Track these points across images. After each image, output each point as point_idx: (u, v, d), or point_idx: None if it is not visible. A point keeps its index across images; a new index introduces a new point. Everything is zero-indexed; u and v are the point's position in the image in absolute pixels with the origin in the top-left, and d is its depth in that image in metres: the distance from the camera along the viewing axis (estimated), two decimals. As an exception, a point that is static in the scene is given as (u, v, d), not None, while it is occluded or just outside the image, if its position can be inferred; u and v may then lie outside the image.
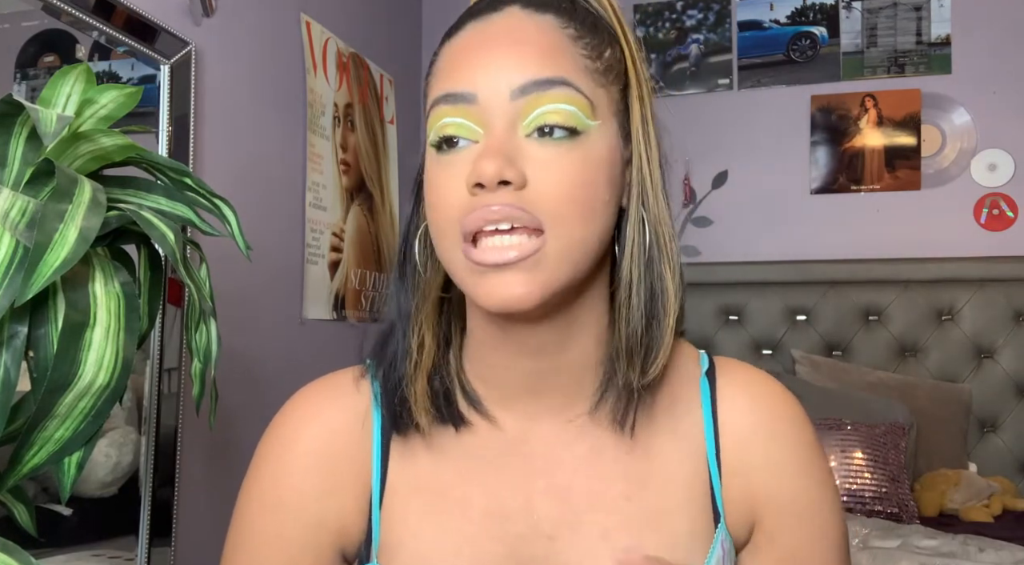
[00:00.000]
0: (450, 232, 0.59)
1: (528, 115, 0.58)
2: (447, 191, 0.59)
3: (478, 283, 0.58)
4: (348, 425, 0.69)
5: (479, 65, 0.59)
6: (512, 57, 0.59)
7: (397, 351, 0.67)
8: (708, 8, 2.86)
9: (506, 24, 0.61)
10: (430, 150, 0.62)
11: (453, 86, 0.60)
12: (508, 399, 0.67)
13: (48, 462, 0.72)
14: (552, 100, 0.58)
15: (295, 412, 0.70)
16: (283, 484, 0.68)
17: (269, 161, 1.97)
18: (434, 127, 0.60)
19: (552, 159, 0.58)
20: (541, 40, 0.60)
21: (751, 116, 2.79)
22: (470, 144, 0.59)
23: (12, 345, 0.68)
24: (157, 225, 0.76)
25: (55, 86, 0.82)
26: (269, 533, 0.67)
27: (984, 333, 2.53)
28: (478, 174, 0.56)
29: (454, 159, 0.59)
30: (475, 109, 0.59)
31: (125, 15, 1.47)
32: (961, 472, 2.29)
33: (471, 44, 0.61)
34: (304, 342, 2.08)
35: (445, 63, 0.62)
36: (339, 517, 0.67)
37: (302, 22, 2.13)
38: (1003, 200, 2.57)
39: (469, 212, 0.57)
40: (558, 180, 0.58)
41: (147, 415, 1.51)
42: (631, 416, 0.65)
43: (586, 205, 0.59)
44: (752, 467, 0.68)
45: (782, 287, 2.67)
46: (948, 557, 1.69)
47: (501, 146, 0.57)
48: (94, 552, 1.42)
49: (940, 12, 2.65)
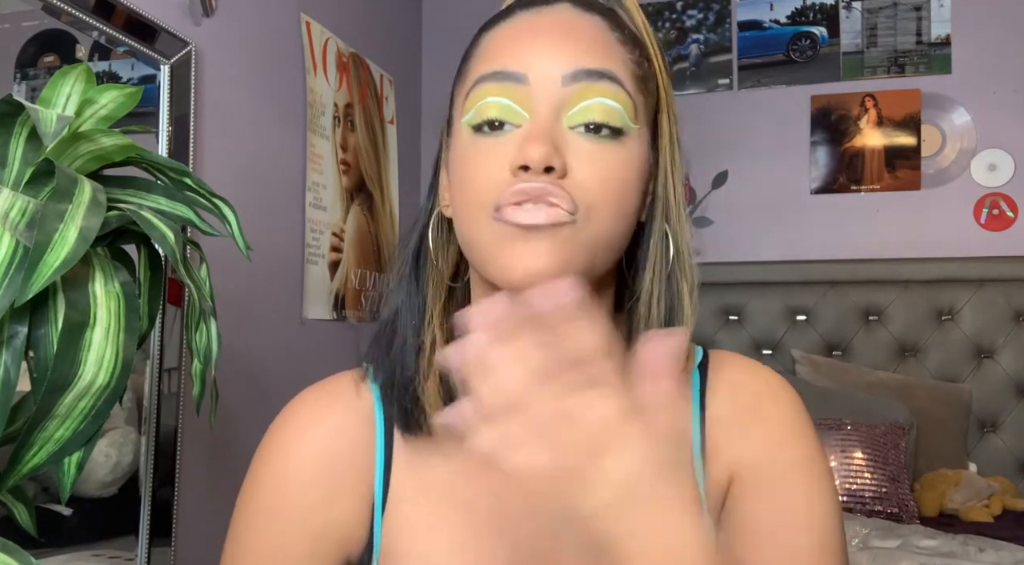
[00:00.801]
0: (483, 207, 0.58)
1: (575, 105, 0.58)
2: (486, 171, 0.58)
3: (503, 250, 0.57)
4: (349, 429, 0.67)
5: (531, 48, 0.59)
6: (566, 44, 0.59)
7: (406, 347, 0.65)
8: (708, 8, 2.86)
9: (558, 16, 0.61)
10: (465, 129, 0.61)
11: (502, 65, 0.59)
12: None
13: (48, 462, 0.72)
14: (600, 93, 0.58)
15: (294, 418, 0.69)
16: (284, 493, 0.66)
17: (269, 161, 1.97)
18: (475, 106, 0.59)
19: (595, 153, 0.58)
20: (593, 35, 0.60)
21: (751, 116, 2.79)
22: (513, 128, 0.59)
23: (12, 345, 0.68)
24: (157, 225, 0.76)
25: (55, 86, 0.82)
26: (269, 543, 0.66)
27: (984, 333, 2.53)
28: (525, 156, 0.56)
29: (496, 142, 0.59)
30: (523, 90, 0.58)
31: (125, 15, 1.47)
32: (961, 472, 2.29)
33: (522, 30, 0.61)
34: (304, 342, 2.08)
35: (492, 46, 0.62)
36: (342, 525, 0.66)
37: (302, 22, 2.13)
38: (1003, 200, 2.57)
39: (509, 186, 0.57)
40: (599, 173, 0.58)
41: (147, 415, 1.51)
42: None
43: (619, 203, 0.59)
44: (727, 446, 0.67)
45: (782, 287, 2.67)
46: (948, 557, 1.69)
47: (549, 132, 0.57)
48: (94, 552, 1.42)
49: (940, 12, 2.65)
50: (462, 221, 0.61)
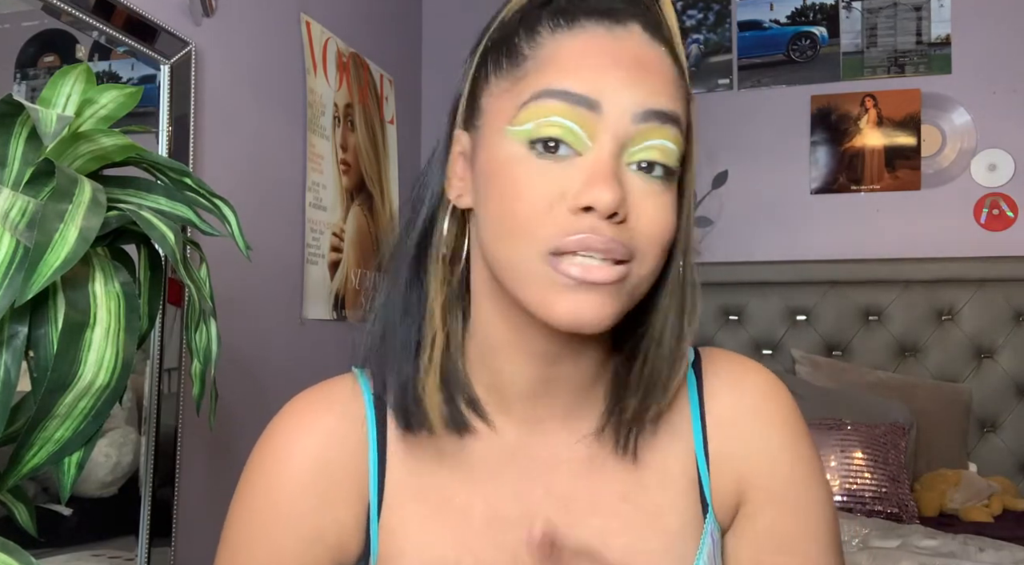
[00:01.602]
0: (535, 243, 0.56)
1: (639, 143, 0.57)
2: (542, 200, 0.56)
3: (559, 297, 0.56)
4: (343, 434, 0.67)
5: (609, 75, 0.57)
6: (645, 81, 0.57)
7: (406, 344, 0.64)
8: (708, 8, 2.85)
9: (634, 45, 0.59)
10: (514, 139, 0.57)
11: (575, 86, 0.56)
12: (508, 404, 0.66)
13: (48, 462, 0.72)
14: (665, 135, 0.57)
15: (289, 422, 0.68)
16: (277, 499, 0.65)
17: (269, 161, 1.97)
18: (536, 120, 0.56)
19: (652, 197, 0.57)
20: (663, 71, 0.59)
21: (751, 116, 2.79)
22: (572, 154, 0.56)
23: (12, 345, 0.68)
24: (157, 225, 0.76)
25: (55, 86, 0.82)
26: (263, 549, 0.65)
27: (984, 333, 2.53)
28: (594, 199, 0.54)
29: (553, 166, 0.56)
30: (592, 118, 0.56)
31: (125, 15, 1.47)
32: (961, 472, 2.29)
33: (597, 50, 0.58)
34: (304, 342, 2.08)
35: (561, 57, 0.58)
36: (337, 531, 0.66)
37: (302, 22, 2.13)
38: (1003, 200, 2.57)
39: (570, 232, 0.55)
40: (655, 220, 0.57)
41: (147, 415, 1.51)
42: (632, 443, 0.65)
43: (666, 246, 0.59)
44: (735, 451, 0.68)
45: (782, 287, 2.67)
46: (948, 557, 1.69)
47: (616, 173, 0.56)
48: (94, 552, 1.42)
49: (940, 12, 2.65)
50: (500, 243, 0.59)
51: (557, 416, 0.66)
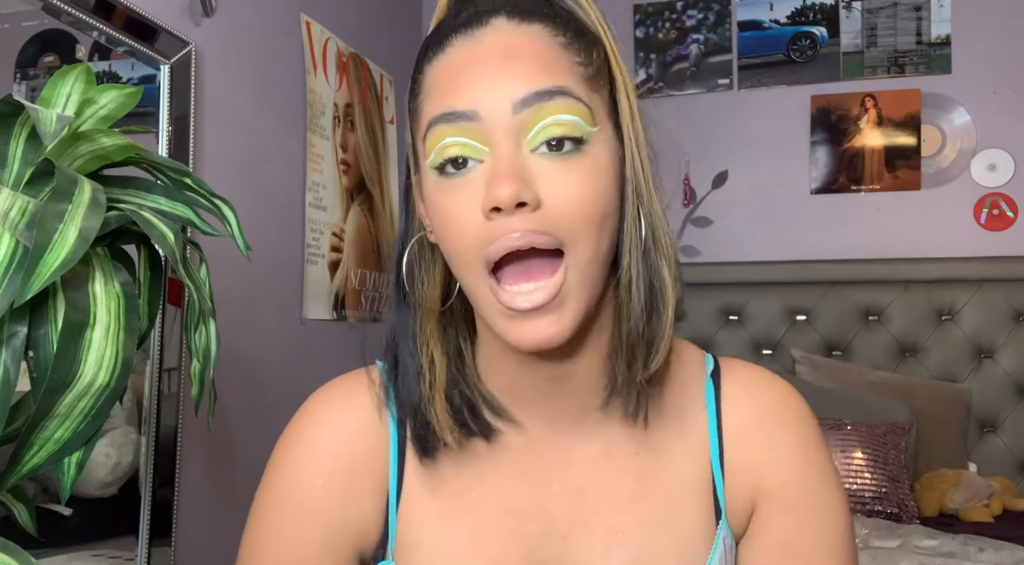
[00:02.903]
0: (473, 262, 0.58)
1: (532, 128, 0.57)
2: (461, 218, 0.58)
3: (509, 326, 0.58)
4: (365, 426, 0.69)
5: (476, 81, 0.58)
6: (510, 71, 0.58)
7: (408, 372, 0.66)
8: (708, 8, 2.85)
9: (497, 38, 0.59)
10: (431, 173, 0.60)
11: (451, 105, 0.58)
12: (523, 402, 0.67)
13: (48, 462, 0.72)
14: (554, 111, 0.57)
15: (313, 415, 0.70)
16: (303, 489, 0.67)
17: (269, 161, 1.97)
18: (434, 149, 0.59)
19: (563, 174, 0.57)
20: (536, 51, 0.59)
21: (751, 116, 2.79)
22: (476, 164, 0.58)
23: (12, 345, 0.68)
24: (157, 225, 0.76)
25: (55, 86, 0.82)
26: (288, 537, 0.67)
27: (984, 333, 2.53)
28: (494, 198, 0.55)
29: (461, 182, 0.58)
30: (477, 126, 0.57)
31: (125, 15, 1.47)
32: (961, 472, 2.29)
33: (463, 62, 0.59)
34: (304, 342, 2.08)
35: (437, 83, 0.60)
36: (359, 520, 0.67)
37: (302, 22, 2.13)
38: (1003, 200, 2.57)
39: (490, 240, 0.56)
40: (572, 196, 0.57)
41: (147, 415, 1.51)
42: (642, 409, 0.66)
43: (600, 218, 0.59)
44: (751, 460, 0.68)
45: (782, 287, 2.67)
46: (948, 557, 1.69)
47: (512, 166, 0.56)
48: (94, 552, 1.42)
49: (940, 12, 2.65)
50: (458, 271, 0.61)
51: (569, 409, 0.67)
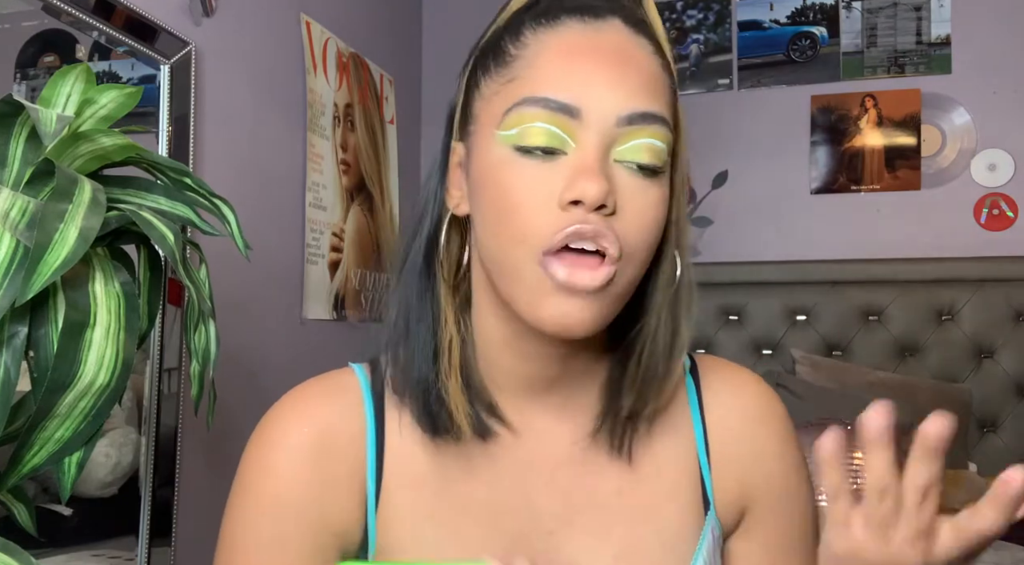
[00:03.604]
0: (527, 243, 0.57)
1: (625, 143, 0.57)
2: (532, 203, 0.57)
3: (544, 301, 0.57)
4: (340, 424, 0.67)
5: (590, 79, 0.57)
6: (626, 80, 0.57)
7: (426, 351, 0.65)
8: (708, 8, 2.85)
9: (614, 39, 0.59)
10: (502, 144, 0.58)
11: (557, 92, 0.57)
12: (511, 398, 0.67)
13: (48, 462, 0.72)
14: (651, 135, 0.57)
15: (284, 411, 0.68)
16: (278, 485, 0.65)
17: (269, 161, 1.97)
18: (520, 126, 0.57)
19: (640, 193, 0.58)
20: (647, 67, 0.59)
21: (751, 116, 2.79)
22: (560, 155, 0.57)
23: (12, 345, 0.68)
24: (157, 225, 0.76)
25: (55, 86, 0.82)
26: (267, 537, 0.65)
27: (984, 333, 2.53)
28: (581, 191, 0.55)
29: (541, 168, 0.57)
30: (574, 123, 0.57)
31: (125, 15, 1.47)
32: (961, 472, 2.29)
33: (578, 50, 0.58)
34: (304, 342, 2.08)
35: (545, 59, 0.59)
36: (338, 517, 0.66)
37: (302, 22, 2.13)
38: (1003, 200, 2.57)
39: (558, 228, 0.56)
40: (642, 215, 0.58)
41: (147, 415, 1.51)
42: (626, 444, 0.66)
43: (654, 243, 0.60)
44: (742, 456, 0.70)
45: (782, 287, 2.67)
46: (948, 557, 1.68)
47: (602, 166, 0.56)
48: (94, 552, 1.42)
49: (940, 12, 2.65)
50: (495, 245, 0.60)
51: (556, 410, 0.67)
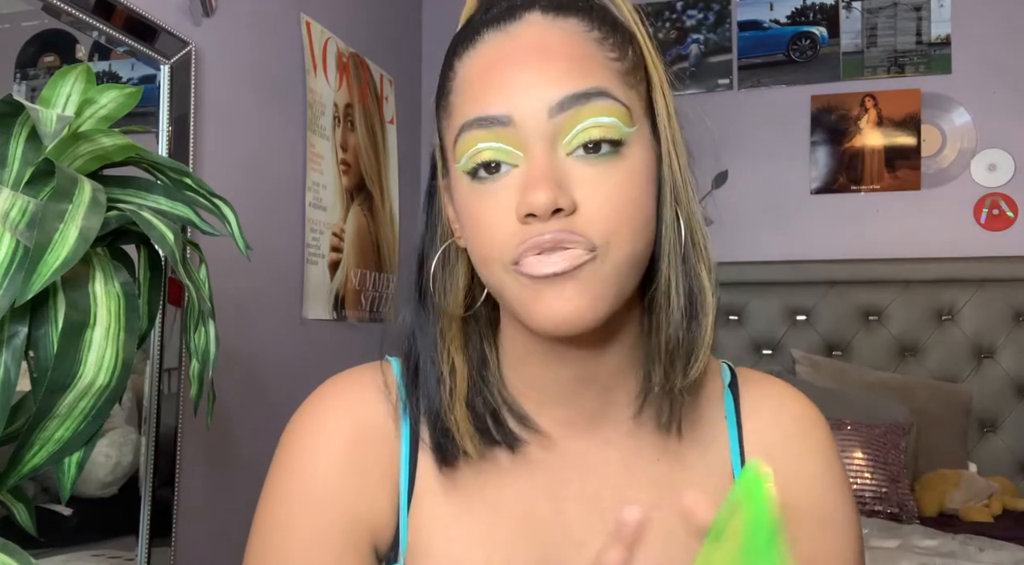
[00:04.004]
0: (497, 260, 0.57)
1: (569, 132, 0.55)
2: (494, 224, 0.57)
3: (534, 302, 0.56)
4: (375, 421, 0.66)
5: (510, 84, 0.56)
6: (545, 72, 0.56)
7: (429, 378, 0.64)
8: (708, 8, 2.85)
9: (530, 34, 0.57)
10: (463, 177, 0.58)
11: (484, 109, 0.56)
12: (543, 406, 0.66)
13: (48, 462, 0.72)
14: (592, 113, 0.55)
15: (322, 403, 0.67)
16: (314, 479, 0.64)
17: (269, 161, 1.97)
18: (467, 153, 0.57)
19: (599, 178, 0.55)
20: (571, 49, 0.57)
21: (751, 116, 2.79)
22: (510, 169, 0.56)
23: (12, 345, 0.68)
24: (157, 225, 0.76)
25: (55, 86, 0.82)
26: (305, 532, 0.63)
27: (984, 333, 2.53)
28: (529, 205, 0.54)
29: (495, 187, 0.56)
30: (511, 131, 0.56)
31: (125, 15, 1.47)
32: (961, 472, 2.29)
33: (496, 60, 0.57)
34: (304, 342, 2.08)
35: (468, 82, 0.58)
36: (373, 515, 0.65)
37: (302, 22, 2.13)
38: (1003, 200, 2.57)
39: (520, 243, 0.55)
40: (607, 200, 0.55)
41: (147, 415, 1.51)
42: (675, 419, 0.64)
43: (636, 222, 0.57)
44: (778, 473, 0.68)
45: (782, 287, 2.67)
46: (948, 557, 1.69)
47: (548, 171, 0.55)
48: (94, 552, 1.42)
49: (940, 12, 2.65)
50: (484, 272, 0.60)
51: (588, 417, 0.66)
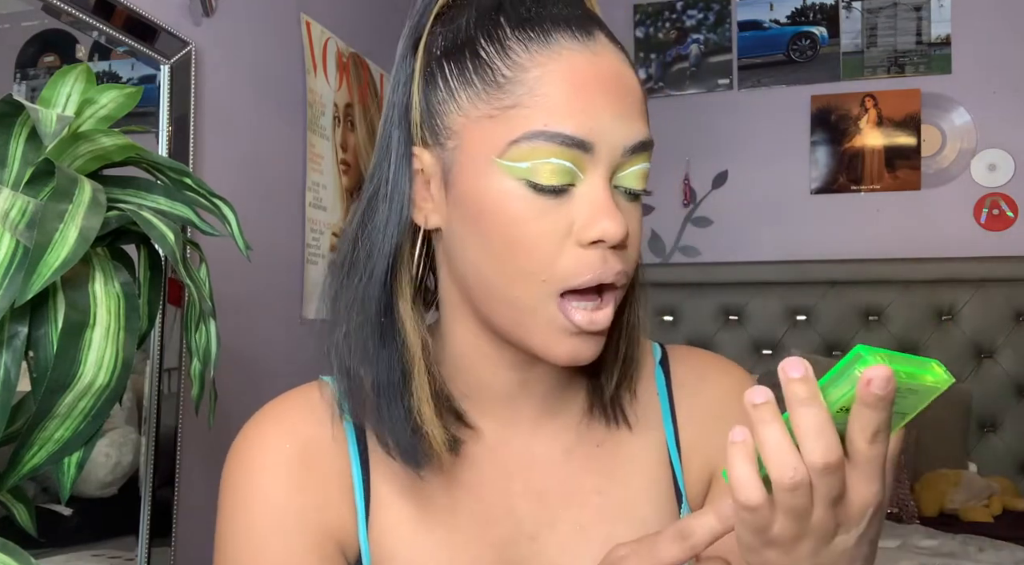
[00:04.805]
0: (546, 282, 0.57)
1: (624, 170, 0.58)
2: (550, 239, 0.56)
3: (561, 341, 0.58)
4: (321, 435, 0.65)
5: (599, 113, 0.56)
6: (628, 108, 0.58)
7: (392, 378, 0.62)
8: (708, 8, 2.85)
9: (609, 62, 0.58)
10: (513, 180, 0.56)
11: (572, 129, 0.55)
12: (486, 407, 0.66)
13: (48, 462, 0.72)
14: (644, 160, 0.59)
15: (263, 429, 0.65)
16: (276, 504, 0.62)
17: (269, 161, 1.97)
18: (532, 161, 0.55)
19: (634, 218, 0.60)
20: (637, 90, 0.60)
21: (751, 116, 2.79)
22: (571, 188, 0.57)
23: (12, 345, 0.68)
24: (157, 225, 0.76)
25: (55, 86, 0.82)
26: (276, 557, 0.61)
27: (984, 333, 2.53)
28: (603, 231, 0.55)
29: (555, 203, 0.56)
30: (586, 158, 0.56)
31: (125, 15, 1.47)
32: (961, 472, 2.29)
33: (586, 80, 0.56)
34: (304, 342, 2.08)
35: (548, 88, 0.56)
36: (339, 527, 0.64)
37: (302, 22, 2.13)
38: (1003, 200, 2.57)
39: (579, 270, 0.56)
40: (637, 239, 0.61)
41: (147, 415, 1.51)
42: (620, 410, 0.69)
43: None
44: (706, 440, 0.70)
45: (782, 287, 2.67)
46: (948, 557, 1.69)
47: (613, 202, 0.57)
48: (94, 552, 1.42)
49: (940, 12, 2.65)
50: (500, 278, 0.58)
51: (531, 415, 0.68)
